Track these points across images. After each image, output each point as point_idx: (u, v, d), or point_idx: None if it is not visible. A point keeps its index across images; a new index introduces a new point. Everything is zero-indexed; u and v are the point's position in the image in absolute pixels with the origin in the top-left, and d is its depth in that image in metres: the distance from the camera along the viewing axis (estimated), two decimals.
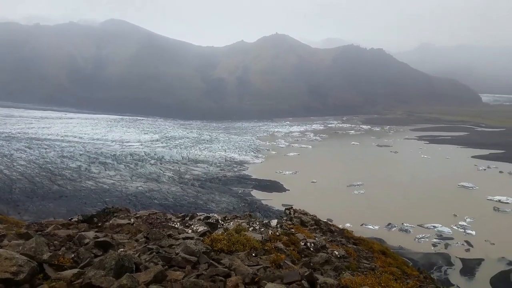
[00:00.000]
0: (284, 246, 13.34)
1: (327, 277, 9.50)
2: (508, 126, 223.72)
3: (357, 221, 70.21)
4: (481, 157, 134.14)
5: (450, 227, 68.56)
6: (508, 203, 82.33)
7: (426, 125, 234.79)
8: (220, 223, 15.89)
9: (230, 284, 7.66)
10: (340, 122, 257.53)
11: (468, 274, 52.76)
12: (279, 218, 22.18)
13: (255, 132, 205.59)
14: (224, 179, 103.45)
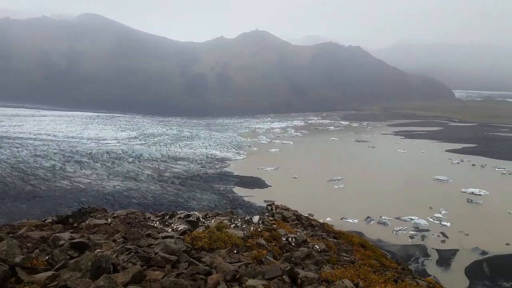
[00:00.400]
0: (266, 242, 13.34)
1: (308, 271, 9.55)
2: (480, 121, 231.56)
3: (337, 215, 71.18)
4: (455, 151, 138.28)
5: (426, 219, 70.40)
6: (480, 195, 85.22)
7: (402, 120, 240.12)
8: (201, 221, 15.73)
9: (211, 282, 7.57)
10: (320, 118, 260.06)
11: (444, 265, 54.37)
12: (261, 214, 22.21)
13: (236, 129, 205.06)
14: (205, 176, 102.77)
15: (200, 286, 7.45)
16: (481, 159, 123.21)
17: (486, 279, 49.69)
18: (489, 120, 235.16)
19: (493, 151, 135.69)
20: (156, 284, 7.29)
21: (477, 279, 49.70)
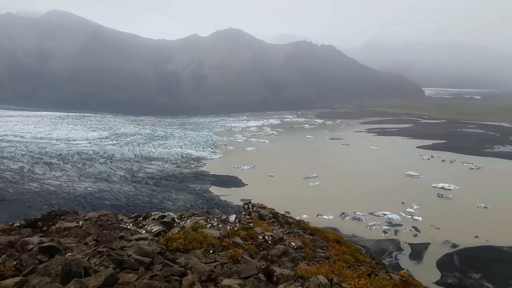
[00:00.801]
0: (242, 241, 13.32)
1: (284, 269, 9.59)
2: (449, 118, 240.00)
3: (313, 212, 72.00)
4: (425, 147, 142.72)
5: (398, 214, 72.25)
6: (450, 189, 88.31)
7: (375, 118, 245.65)
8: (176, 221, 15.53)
9: (186, 283, 7.47)
10: (295, 117, 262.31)
11: (417, 258, 55.97)
12: (238, 213, 22.19)
13: (212, 128, 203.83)
14: (180, 176, 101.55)
15: None
16: (450, 155, 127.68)
17: (456, 271, 51.50)
18: (458, 117, 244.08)
19: (462, 147, 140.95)
20: (129, 287, 7.13)
21: (448, 271, 51.44)
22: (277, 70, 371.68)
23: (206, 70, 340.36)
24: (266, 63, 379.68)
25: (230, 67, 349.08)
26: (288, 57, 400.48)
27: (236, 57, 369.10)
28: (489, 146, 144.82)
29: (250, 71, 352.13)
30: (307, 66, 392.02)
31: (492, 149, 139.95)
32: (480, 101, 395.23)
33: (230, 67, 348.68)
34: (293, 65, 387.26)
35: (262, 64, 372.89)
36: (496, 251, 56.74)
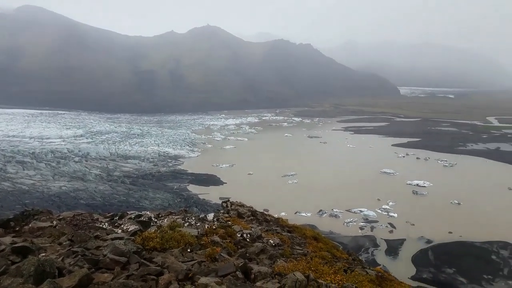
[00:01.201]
0: (220, 239, 13.30)
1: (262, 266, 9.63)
2: (423, 116, 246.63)
3: (292, 210, 72.64)
4: (400, 145, 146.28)
5: (375, 210, 73.84)
6: (425, 186, 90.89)
7: (351, 116, 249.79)
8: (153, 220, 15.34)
9: (163, 282, 7.40)
10: (273, 115, 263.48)
11: (393, 254, 57.37)
12: (216, 212, 22.12)
13: (189, 126, 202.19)
14: (158, 174, 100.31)
15: (151, 287, 7.26)
16: (424, 153, 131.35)
17: (431, 266, 53.09)
18: (432, 116, 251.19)
19: (436, 145, 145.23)
20: (105, 287, 7.00)
21: (423, 267, 52.97)
22: (256, 68, 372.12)
23: (183, 67, 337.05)
24: (244, 61, 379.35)
25: (208, 64, 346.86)
26: (267, 56, 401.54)
27: (214, 55, 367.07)
28: (462, 144, 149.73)
29: (228, 69, 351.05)
30: (285, 64, 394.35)
31: (465, 147, 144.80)
32: (453, 100, 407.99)
33: (208, 65, 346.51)
34: (272, 63, 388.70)
35: (240, 62, 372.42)
36: (468, 246, 58.79)
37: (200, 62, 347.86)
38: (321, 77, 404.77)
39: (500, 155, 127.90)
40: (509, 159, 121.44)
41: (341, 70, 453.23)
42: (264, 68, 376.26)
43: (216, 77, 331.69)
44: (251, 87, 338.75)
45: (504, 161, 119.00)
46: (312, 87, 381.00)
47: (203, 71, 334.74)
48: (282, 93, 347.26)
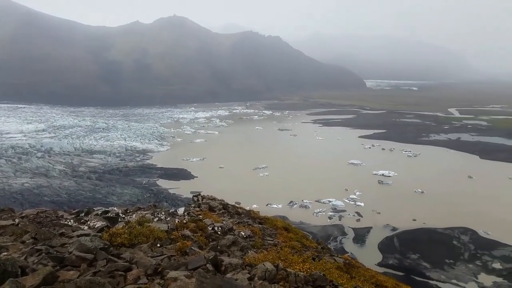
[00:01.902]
0: (191, 233, 13.21)
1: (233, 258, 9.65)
2: (388, 108, 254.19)
3: (263, 202, 73.22)
4: (367, 136, 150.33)
5: (343, 200, 75.78)
6: (390, 176, 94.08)
7: (320, 109, 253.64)
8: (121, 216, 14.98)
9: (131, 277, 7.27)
10: (244, 108, 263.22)
11: (360, 242, 59.18)
12: (187, 206, 21.92)
13: (158, 119, 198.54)
14: (125, 169, 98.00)
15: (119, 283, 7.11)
16: (390, 144, 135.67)
17: (396, 252, 55.21)
18: (397, 108, 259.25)
19: (400, 136, 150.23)
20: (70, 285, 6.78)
21: (389, 253, 54.99)
22: (225, 60, 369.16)
23: (150, 59, 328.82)
24: (213, 53, 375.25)
25: (176, 56, 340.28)
26: (236, 48, 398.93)
27: (182, 46, 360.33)
28: (425, 134, 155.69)
29: (197, 61, 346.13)
30: (254, 57, 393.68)
31: (428, 137, 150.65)
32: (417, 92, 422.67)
33: (176, 56, 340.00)
34: (241, 55, 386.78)
35: (209, 54, 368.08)
36: (431, 232, 61.51)
37: (167, 53, 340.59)
38: (290, 70, 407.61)
39: (460, 145, 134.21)
40: (468, 148, 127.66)
41: (309, 63, 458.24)
42: (233, 60, 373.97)
43: (184, 69, 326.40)
44: (221, 80, 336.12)
45: (464, 151, 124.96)
46: (281, 80, 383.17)
47: (171, 62, 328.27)
48: (252, 86, 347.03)
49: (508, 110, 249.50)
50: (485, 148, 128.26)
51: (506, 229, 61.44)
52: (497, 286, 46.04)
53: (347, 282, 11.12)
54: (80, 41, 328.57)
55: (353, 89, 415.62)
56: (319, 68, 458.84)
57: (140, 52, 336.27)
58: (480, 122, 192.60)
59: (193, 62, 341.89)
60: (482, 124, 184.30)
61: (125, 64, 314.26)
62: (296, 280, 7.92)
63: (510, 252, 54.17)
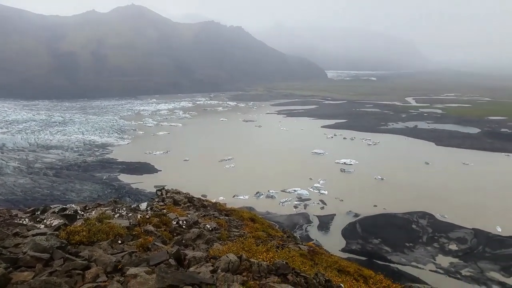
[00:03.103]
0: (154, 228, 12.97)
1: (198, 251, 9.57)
2: (349, 98, 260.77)
3: (230, 194, 73.25)
4: (329, 126, 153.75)
5: (307, 189, 77.32)
6: (351, 164, 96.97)
7: (284, 100, 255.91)
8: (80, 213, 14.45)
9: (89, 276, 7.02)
10: (208, 99, 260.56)
11: (324, 229, 60.76)
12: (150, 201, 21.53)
13: (117, 111, 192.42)
14: (84, 165, 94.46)
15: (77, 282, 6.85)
16: (351, 133, 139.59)
17: (359, 238, 57.17)
18: (357, 97, 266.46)
19: (360, 125, 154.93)
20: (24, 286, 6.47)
21: (352, 239, 56.85)
22: (187, 51, 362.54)
23: (107, 50, 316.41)
24: (174, 43, 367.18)
25: (135, 46, 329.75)
26: (198, 38, 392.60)
27: (141, 36, 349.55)
28: (384, 123, 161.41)
29: (158, 51, 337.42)
30: (217, 47, 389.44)
31: (387, 126, 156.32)
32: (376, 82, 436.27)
33: (136, 47, 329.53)
34: (203, 46, 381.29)
35: (170, 44, 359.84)
36: (392, 217, 64.17)
37: (126, 44, 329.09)
38: (253, 61, 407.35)
39: (417, 133, 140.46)
40: (425, 136, 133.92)
41: (272, 54, 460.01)
42: (195, 51, 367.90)
43: (144, 59, 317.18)
44: (183, 70, 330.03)
45: (421, 138, 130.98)
46: (245, 71, 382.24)
47: (130, 53, 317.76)
48: (215, 77, 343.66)
49: (461, 98, 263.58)
50: (440, 135, 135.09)
51: (461, 212, 65.30)
52: (453, 266, 48.87)
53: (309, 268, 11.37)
54: (32, 31, 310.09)
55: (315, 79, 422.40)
56: (282, 59, 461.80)
57: (97, 43, 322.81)
58: (435, 110, 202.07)
59: (154, 53, 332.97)
60: (437, 112, 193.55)
61: (81, 55, 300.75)
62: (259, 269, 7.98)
63: (465, 234, 57.55)
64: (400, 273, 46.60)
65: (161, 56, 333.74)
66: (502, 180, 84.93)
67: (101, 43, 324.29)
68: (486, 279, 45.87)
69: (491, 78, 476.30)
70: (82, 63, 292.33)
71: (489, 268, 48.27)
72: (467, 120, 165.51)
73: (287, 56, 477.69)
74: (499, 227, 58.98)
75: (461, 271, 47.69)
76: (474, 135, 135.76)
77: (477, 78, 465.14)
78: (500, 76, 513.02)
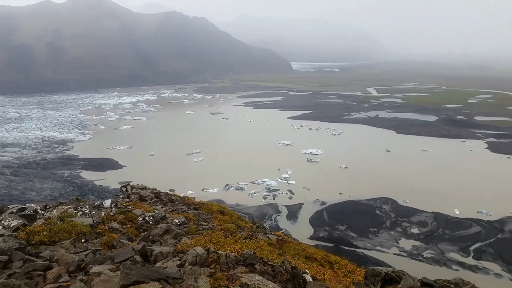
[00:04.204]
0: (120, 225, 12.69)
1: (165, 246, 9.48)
2: (313, 90, 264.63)
3: (199, 187, 72.82)
4: (295, 117, 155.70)
5: (276, 180, 78.28)
6: (317, 154, 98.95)
7: (250, 92, 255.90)
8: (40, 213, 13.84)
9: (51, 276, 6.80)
10: (173, 92, 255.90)
11: (293, 218, 61.90)
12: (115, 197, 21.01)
13: (77, 106, 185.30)
14: (44, 162, 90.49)
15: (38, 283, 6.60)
16: (316, 123, 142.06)
17: (326, 225, 58.71)
18: (321, 89, 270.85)
19: (325, 116, 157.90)
20: None
21: (319, 226, 58.31)
22: (149, 42, 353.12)
23: (65, 41, 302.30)
24: (136, 34, 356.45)
25: (94, 37, 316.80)
26: (160, 28, 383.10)
27: (101, 27, 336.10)
28: (347, 113, 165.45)
29: (118, 42, 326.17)
30: (181, 38, 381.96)
31: (350, 116, 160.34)
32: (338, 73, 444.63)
33: (95, 38, 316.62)
34: (166, 37, 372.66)
35: (131, 35, 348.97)
36: (356, 204, 66.32)
37: (84, 35, 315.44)
38: (219, 52, 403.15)
39: (379, 122, 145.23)
40: (386, 124, 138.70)
41: (237, 45, 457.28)
42: (158, 42, 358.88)
43: (104, 51, 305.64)
44: (146, 62, 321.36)
45: (382, 127, 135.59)
46: (211, 63, 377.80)
47: (90, 44, 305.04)
48: (180, 69, 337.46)
49: (419, 87, 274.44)
50: (400, 123, 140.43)
51: (421, 196, 68.52)
52: (415, 249, 51.34)
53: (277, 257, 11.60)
54: None
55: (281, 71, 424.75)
56: (247, 50, 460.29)
57: (53, 34, 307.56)
58: (396, 99, 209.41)
59: (114, 44, 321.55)
60: (397, 102, 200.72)
61: (36, 47, 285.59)
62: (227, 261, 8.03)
63: (426, 218, 60.50)
64: (366, 257, 48.38)
65: (122, 47, 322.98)
66: (459, 165, 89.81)
67: (58, 34, 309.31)
68: (446, 259, 48.51)
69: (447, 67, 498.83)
70: (37, 56, 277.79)
71: (449, 249, 51.07)
72: (425, 108, 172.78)
73: (252, 48, 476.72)
74: (457, 210, 62.45)
75: (423, 253, 50.17)
76: (432, 123, 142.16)
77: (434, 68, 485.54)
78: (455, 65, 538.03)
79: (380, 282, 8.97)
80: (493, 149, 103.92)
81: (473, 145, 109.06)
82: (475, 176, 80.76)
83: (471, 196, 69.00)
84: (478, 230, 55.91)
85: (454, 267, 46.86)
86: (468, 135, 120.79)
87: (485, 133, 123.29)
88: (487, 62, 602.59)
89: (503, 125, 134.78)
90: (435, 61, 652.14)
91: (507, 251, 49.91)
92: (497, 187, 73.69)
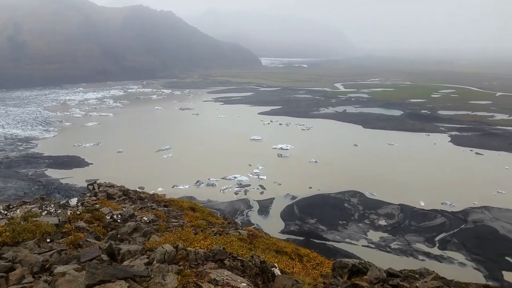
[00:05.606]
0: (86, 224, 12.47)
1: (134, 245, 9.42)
2: (283, 85, 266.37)
3: (169, 184, 71.88)
4: (265, 113, 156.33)
5: (247, 175, 78.54)
6: (287, 149, 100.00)
7: (220, 87, 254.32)
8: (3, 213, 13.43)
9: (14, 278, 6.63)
10: (140, 87, 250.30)
11: (264, 213, 62.40)
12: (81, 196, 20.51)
13: (41, 102, 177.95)
14: (6, 161, 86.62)
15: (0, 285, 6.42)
16: (286, 119, 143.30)
17: (296, 219, 59.59)
18: (290, 84, 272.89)
19: (294, 111, 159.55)
20: None
21: (290, 220, 59.11)
22: (115, 36, 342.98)
23: (26, 36, 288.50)
24: (101, 28, 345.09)
25: (57, 32, 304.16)
26: (126, 23, 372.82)
27: (63, 21, 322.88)
28: (316, 109, 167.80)
29: (82, 37, 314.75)
30: (147, 32, 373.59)
31: (319, 111, 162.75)
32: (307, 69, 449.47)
33: (58, 32, 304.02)
34: (132, 31, 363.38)
35: (95, 29, 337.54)
36: (326, 198, 67.65)
37: (46, 29, 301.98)
38: (187, 47, 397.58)
39: (346, 117, 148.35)
40: (353, 119, 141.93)
41: (206, 40, 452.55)
42: (124, 36, 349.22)
43: (68, 46, 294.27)
44: (112, 57, 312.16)
45: (350, 122, 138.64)
46: (178, 57, 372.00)
47: (52, 39, 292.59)
48: (148, 64, 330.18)
49: (384, 82, 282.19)
50: (367, 118, 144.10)
51: (388, 189, 70.82)
52: (383, 241, 53.05)
53: (247, 252, 11.76)
54: None
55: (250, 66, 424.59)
56: (216, 45, 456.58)
57: (13, 29, 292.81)
58: (362, 95, 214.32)
59: (78, 38, 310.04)
60: (364, 97, 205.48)
61: None
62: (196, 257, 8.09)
63: (392, 210, 62.58)
64: (335, 250, 49.60)
65: (87, 41, 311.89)
66: (424, 158, 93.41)
67: (18, 29, 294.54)
68: (413, 250, 50.43)
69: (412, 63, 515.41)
70: None
71: (415, 240, 53.10)
72: (391, 103, 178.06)
73: (222, 43, 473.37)
74: (422, 201, 64.99)
75: (390, 244, 51.90)
76: (398, 117, 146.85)
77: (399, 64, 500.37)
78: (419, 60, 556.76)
79: (347, 274, 9.35)
80: (456, 142, 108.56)
81: (437, 138, 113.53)
82: (439, 169, 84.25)
83: (435, 188, 71.94)
84: (443, 221, 58.34)
85: (420, 257, 48.69)
86: (432, 128, 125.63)
87: (448, 126, 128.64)
88: (449, 58, 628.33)
89: (465, 119, 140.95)
90: (399, 57, 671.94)
91: (470, 240, 52.45)
92: (460, 179, 77.26)
